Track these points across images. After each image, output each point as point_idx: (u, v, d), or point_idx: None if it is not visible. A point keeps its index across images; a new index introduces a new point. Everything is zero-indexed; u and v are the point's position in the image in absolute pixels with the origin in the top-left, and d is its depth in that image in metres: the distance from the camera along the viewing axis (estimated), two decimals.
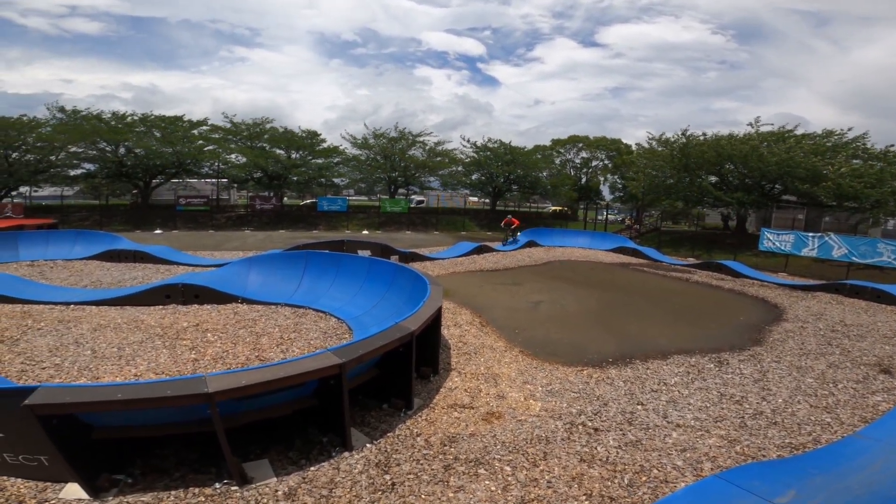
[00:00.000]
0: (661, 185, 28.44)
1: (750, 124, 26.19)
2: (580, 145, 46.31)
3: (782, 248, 19.98)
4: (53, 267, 12.15)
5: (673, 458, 4.17)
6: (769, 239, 20.58)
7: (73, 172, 30.51)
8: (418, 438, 4.30)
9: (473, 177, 38.84)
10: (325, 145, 36.12)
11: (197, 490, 3.35)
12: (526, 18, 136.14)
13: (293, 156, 34.64)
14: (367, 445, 4.12)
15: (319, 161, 35.70)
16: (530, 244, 21.84)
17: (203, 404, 3.28)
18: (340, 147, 36.60)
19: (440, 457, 4.00)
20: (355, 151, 37.05)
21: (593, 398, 5.44)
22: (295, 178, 34.33)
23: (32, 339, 6.57)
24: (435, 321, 5.88)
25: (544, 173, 40.13)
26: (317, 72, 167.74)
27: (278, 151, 34.11)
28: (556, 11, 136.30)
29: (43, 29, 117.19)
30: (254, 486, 3.44)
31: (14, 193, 30.35)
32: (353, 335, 7.15)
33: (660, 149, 29.21)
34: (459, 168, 38.42)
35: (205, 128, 32.80)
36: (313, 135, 35.45)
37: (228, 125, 33.62)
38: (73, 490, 3.28)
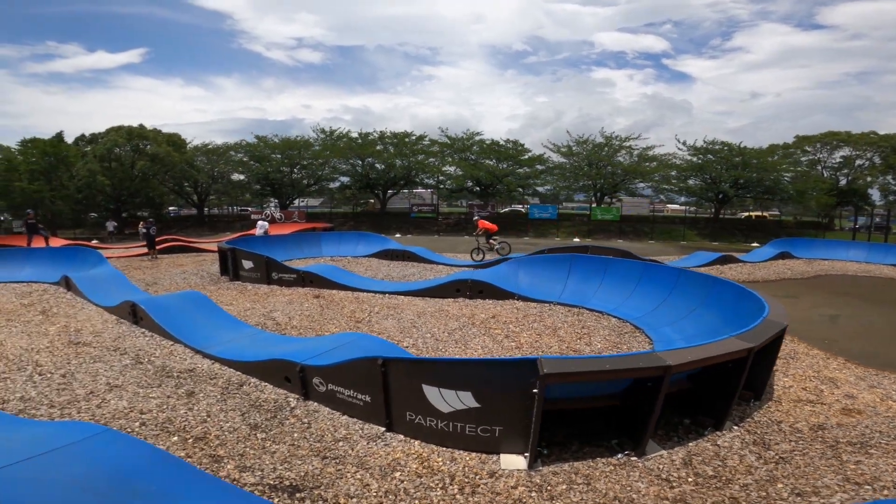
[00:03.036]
0: None
1: None
2: (834, 142, 37.79)
3: None
4: (349, 262, 14.84)
5: None
6: None
7: (332, 185, 37.65)
8: (781, 425, 4.36)
9: (690, 181, 35.14)
10: (528, 154, 36.97)
11: (604, 460, 3.61)
12: (715, 7, 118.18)
13: (500, 166, 36.33)
14: (734, 427, 4.26)
15: (525, 170, 36.68)
16: (783, 255, 19.08)
17: (623, 379, 3.65)
18: (544, 155, 37.08)
19: (818, 439, 4.09)
20: (559, 159, 37.07)
21: None
22: (500, 188, 35.90)
23: (378, 321, 7.92)
24: None
25: (787, 176, 34.02)
26: (493, 83, 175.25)
27: (487, 162, 36.19)
28: None
29: (283, 61, 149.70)
30: (649, 457, 3.68)
31: (294, 203, 38.82)
32: (647, 333, 7.34)
33: None
34: (673, 173, 35.14)
35: (426, 142, 36.85)
36: (517, 144, 36.66)
37: (444, 139, 37.07)
38: (510, 461, 3.52)
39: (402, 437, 3.91)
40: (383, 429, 4.00)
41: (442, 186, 37.42)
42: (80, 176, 27.28)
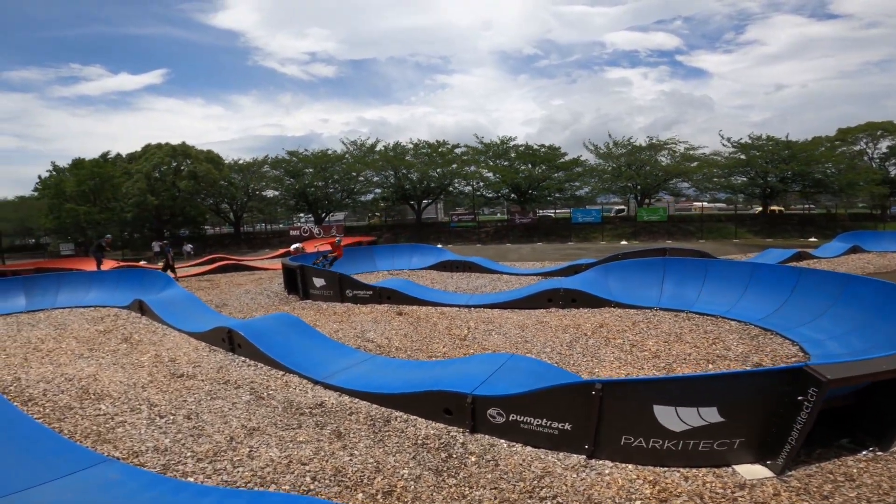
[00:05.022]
0: None
1: None
2: (879, 132, 35.96)
3: None
4: (409, 275, 14.24)
5: None
6: None
7: (364, 198, 37.40)
8: None
9: (733, 178, 33.91)
10: (565, 157, 36.12)
11: (851, 458, 3.52)
12: (724, 0, 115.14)
13: (536, 170, 35.54)
14: None
15: (561, 174, 35.82)
16: (854, 249, 18.21)
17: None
18: (581, 157, 36.20)
19: None
20: (595, 161, 36.21)
21: None
22: (535, 193, 35.14)
23: (484, 337, 7.25)
24: None
25: (833, 168, 32.56)
26: (507, 89, 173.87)
27: (523, 167, 35.44)
28: None
29: (298, 76, 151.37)
30: (894, 450, 3.57)
31: (328, 218, 38.64)
32: (782, 334, 6.93)
33: None
34: (715, 170, 33.90)
35: (460, 150, 36.34)
36: (554, 149, 35.83)
37: (479, 146, 36.47)
38: (751, 471, 3.34)
39: (609, 462, 3.48)
40: (584, 457, 3.55)
41: (479, 193, 36.79)
42: (130, 195, 27.32)
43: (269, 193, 38.38)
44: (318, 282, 10.62)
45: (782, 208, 40.32)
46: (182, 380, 5.56)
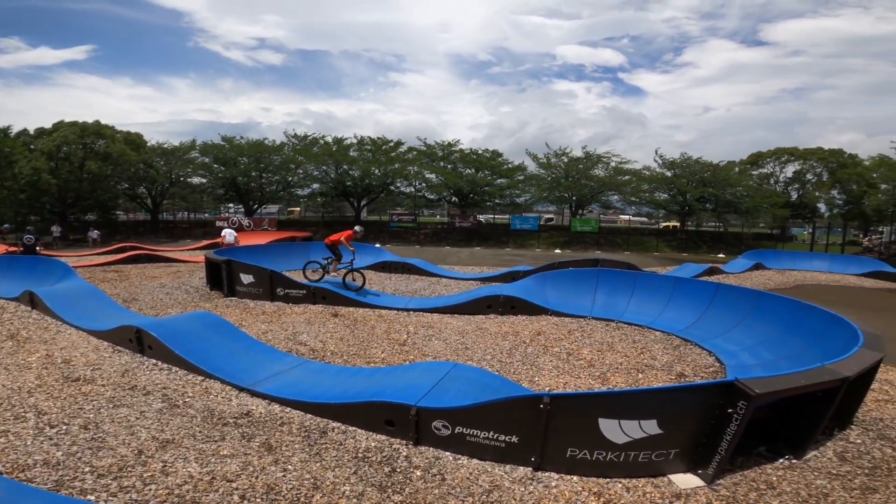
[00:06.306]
0: None
1: None
2: (785, 157, 40.23)
3: None
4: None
5: None
6: None
7: (302, 192, 35.86)
8: (884, 421, 4.69)
9: (657, 194, 36.29)
10: (508, 164, 36.86)
11: (770, 466, 3.74)
12: (670, 22, 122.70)
13: (479, 175, 35.92)
14: (852, 427, 4.51)
15: (503, 181, 36.46)
16: (757, 266, 19.81)
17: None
18: (522, 164, 37.10)
19: None
20: (536, 170, 37.23)
21: None
22: (476, 198, 35.52)
23: (424, 343, 7.10)
24: None
25: (743, 191, 35.86)
26: (458, 92, 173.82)
27: (467, 171, 35.68)
28: (704, 12, 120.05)
29: (242, 62, 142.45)
30: (807, 458, 3.87)
31: (260, 210, 36.57)
32: (700, 345, 7.32)
33: None
34: (644, 186, 36.11)
35: (402, 149, 35.90)
36: (497, 154, 36.47)
37: (422, 147, 36.27)
38: (685, 480, 3.49)
39: (555, 475, 3.48)
40: (530, 469, 3.52)
41: (420, 195, 36.54)
42: (23, 174, 24.10)
43: (196, 180, 35.72)
44: (246, 278, 9.90)
45: (677, 224, 43.55)
46: (78, 384, 4.86)
